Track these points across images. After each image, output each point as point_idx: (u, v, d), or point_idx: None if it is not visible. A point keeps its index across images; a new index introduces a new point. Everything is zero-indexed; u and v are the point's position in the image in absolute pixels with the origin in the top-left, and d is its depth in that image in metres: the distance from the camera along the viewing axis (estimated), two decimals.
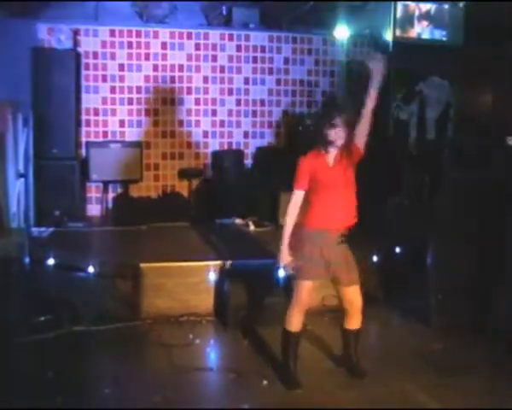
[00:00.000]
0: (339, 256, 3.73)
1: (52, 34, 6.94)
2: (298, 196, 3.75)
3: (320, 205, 3.70)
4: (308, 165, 3.72)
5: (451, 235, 4.79)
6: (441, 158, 5.58)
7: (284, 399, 3.67)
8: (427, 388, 3.81)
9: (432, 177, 5.81)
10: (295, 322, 3.84)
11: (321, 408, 3.59)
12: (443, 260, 4.81)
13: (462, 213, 4.81)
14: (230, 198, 6.93)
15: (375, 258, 5.33)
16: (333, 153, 3.71)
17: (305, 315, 3.86)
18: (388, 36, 7.09)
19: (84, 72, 7.11)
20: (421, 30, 7.15)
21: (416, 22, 7.10)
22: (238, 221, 6.72)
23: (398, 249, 5.48)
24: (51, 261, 5.10)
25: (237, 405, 3.57)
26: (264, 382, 3.85)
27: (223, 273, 4.97)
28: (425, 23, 7.16)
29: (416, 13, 7.08)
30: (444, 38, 7.20)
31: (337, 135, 3.63)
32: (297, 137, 7.22)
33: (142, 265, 4.89)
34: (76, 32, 7.03)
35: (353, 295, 3.81)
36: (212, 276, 4.96)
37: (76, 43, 7.03)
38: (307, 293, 3.77)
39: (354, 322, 3.90)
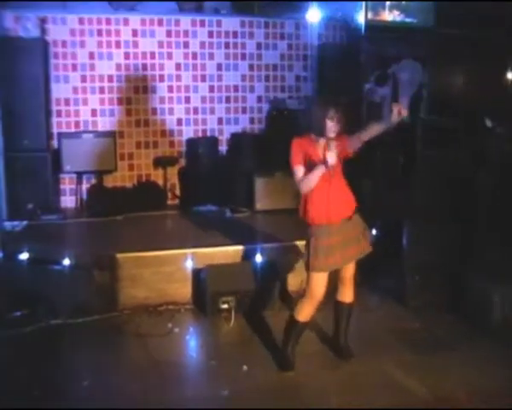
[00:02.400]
0: (355, 232, 3.74)
1: (19, 23, 6.78)
2: (300, 170, 3.67)
3: (316, 200, 3.67)
4: (302, 147, 3.68)
5: (426, 215, 4.85)
6: (414, 139, 5.62)
7: (264, 383, 3.69)
8: (405, 366, 3.87)
9: (405, 158, 5.85)
10: (306, 313, 3.79)
11: (299, 390, 3.62)
12: (418, 241, 4.86)
13: (437, 193, 4.86)
14: (206, 185, 6.90)
15: None
16: (322, 144, 3.65)
17: (315, 309, 3.79)
18: (360, 19, 7.09)
19: (53, 61, 6.97)
20: (393, 17, 7.16)
21: (387, 12, 7.12)
22: (214, 208, 6.70)
23: (374, 230, 5.52)
24: (25, 255, 5.03)
25: (217, 391, 3.58)
26: (245, 367, 3.87)
27: (200, 261, 4.96)
28: (396, 12, 7.18)
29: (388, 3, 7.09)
30: (415, 21, 7.22)
31: (332, 128, 3.60)
32: (279, 122, 7.21)
33: (118, 255, 4.85)
34: (43, 21, 6.86)
35: (351, 268, 3.84)
36: (189, 264, 4.94)
37: (44, 31, 6.88)
38: (321, 285, 3.69)
39: (347, 294, 3.92)
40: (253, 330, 4.46)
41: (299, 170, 3.65)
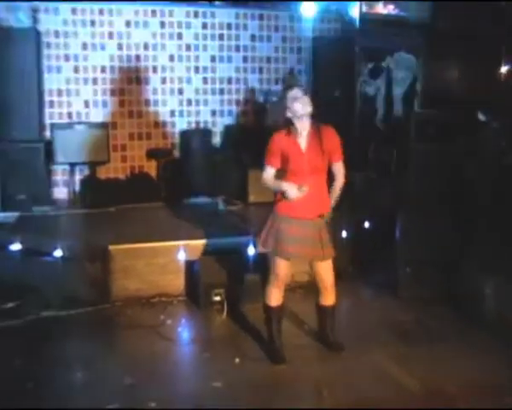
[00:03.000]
0: (314, 234, 3.71)
1: (11, 12, 6.73)
2: (269, 173, 3.73)
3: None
4: (280, 143, 3.68)
5: (419, 208, 4.86)
6: (408, 132, 5.62)
7: (256, 375, 3.70)
8: (397, 358, 3.89)
9: (399, 151, 5.86)
10: (274, 297, 3.88)
11: (292, 382, 3.63)
12: (411, 234, 4.88)
13: (429, 186, 4.87)
14: (199, 177, 6.89)
15: (344, 233, 5.37)
16: (304, 138, 3.67)
17: (283, 290, 3.89)
18: (355, 12, 7.08)
19: (45, 51, 6.93)
20: (388, 11, 7.16)
21: (382, 5, 7.11)
22: (207, 200, 6.70)
23: (366, 224, 5.53)
24: (17, 246, 5.01)
25: (210, 383, 3.58)
26: (237, 359, 3.87)
27: (193, 253, 4.95)
28: (391, 6, 7.17)
29: None
30: (410, 15, 7.22)
31: (304, 105, 3.60)
32: (263, 114, 7.19)
33: (110, 247, 4.84)
34: (35, 10, 6.82)
35: (325, 271, 3.83)
36: (182, 256, 4.93)
37: (36, 21, 6.83)
38: (283, 269, 3.78)
39: (328, 298, 3.93)
40: (246, 322, 4.47)
41: (269, 171, 3.73)
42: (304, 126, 3.67)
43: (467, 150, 4.92)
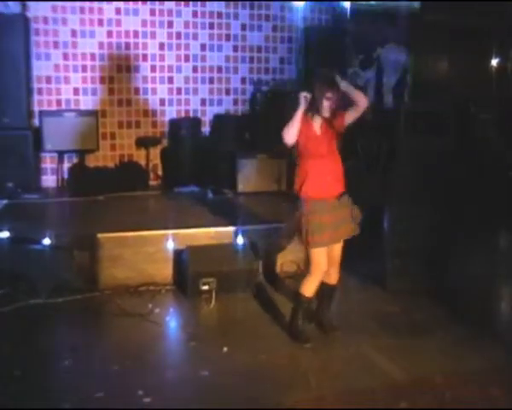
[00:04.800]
0: (345, 214, 3.85)
1: None
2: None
3: (312, 174, 3.79)
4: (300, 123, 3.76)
5: (407, 200, 4.88)
6: (397, 124, 5.63)
7: (244, 364, 3.71)
8: (383, 349, 3.92)
9: (388, 143, 5.87)
10: (312, 289, 3.94)
11: (279, 372, 3.66)
12: (398, 225, 4.90)
13: (419, 178, 4.89)
14: (188, 166, 6.89)
15: None
16: (318, 122, 3.80)
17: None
18: (346, 2, 7.08)
19: (34, 38, 6.86)
20: (379, 2, 7.17)
21: None
22: (196, 189, 6.70)
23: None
24: (5, 234, 4.98)
25: (197, 372, 3.59)
26: (225, 349, 3.88)
27: (181, 242, 4.95)
28: None
29: None
30: (401, 6, 7.22)
31: (328, 107, 3.74)
32: (263, 104, 7.18)
33: (99, 235, 4.83)
34: None
35: (338, 248, 3.95)
36: (171, 245, 4.94)
37: (24, 7, 6.75)
38: (323, 258, 3.85)
39: (333, 277, 4.02)
40: (234, 311, 4.49)
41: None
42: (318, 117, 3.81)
43: (456, 142, 4.95)
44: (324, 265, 3.88)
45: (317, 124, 3.82)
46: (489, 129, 6.50)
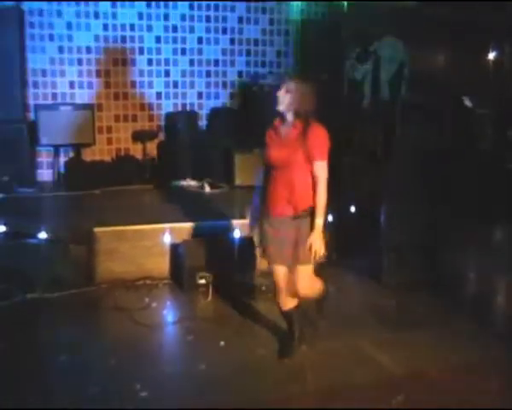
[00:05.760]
0: (289, 234, 3.44)
1: None
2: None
3: (267, 185, 3.50)
4: (268, 135, 3.54)
5: (403, 194, 4.88)
6: (394, 117, 5.63)
7: (240, 358, 3.71)
8: (380, 343, 3.92)
9: (385, 136, 5.87)
10: (284, 302, 3.67)
11: (276, 366, 3.66)
12: (395, 220, 4.90)
13: (415, 172, 4.89)
14: (185, 160, 6.87)
15: (329, 217, 5.37)
16: (287, 128, 3.43)
17: (289, 293, 3.62)
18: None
19: (28, 30, 6.82)
20: None
21: None
22: (193, 183, 6.68)
23: (352, 209, 5.55)
24: (1, 229, 4.96)
25: (194, 366, 3.59)
26: (221, 343, 3.88)
27: (178, 236, 4.94)
28: None
29: None
30: None
31: (281, 100, 3.39)
32: (251, 98, 7.16)
33: (95, 229, 4.82)
34: None
35: (300, 276, 3.50)
36: (167, 239, 4.93)
37: None
38: (277, 277, 3.58)
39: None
40: (230, 305, 4.48)
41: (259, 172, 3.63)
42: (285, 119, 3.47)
43: (453, 136, 4.95)
44: (282, 283, 3.56)
45: (284, 130, 3.43)
46: (486, 124, 6.50)
